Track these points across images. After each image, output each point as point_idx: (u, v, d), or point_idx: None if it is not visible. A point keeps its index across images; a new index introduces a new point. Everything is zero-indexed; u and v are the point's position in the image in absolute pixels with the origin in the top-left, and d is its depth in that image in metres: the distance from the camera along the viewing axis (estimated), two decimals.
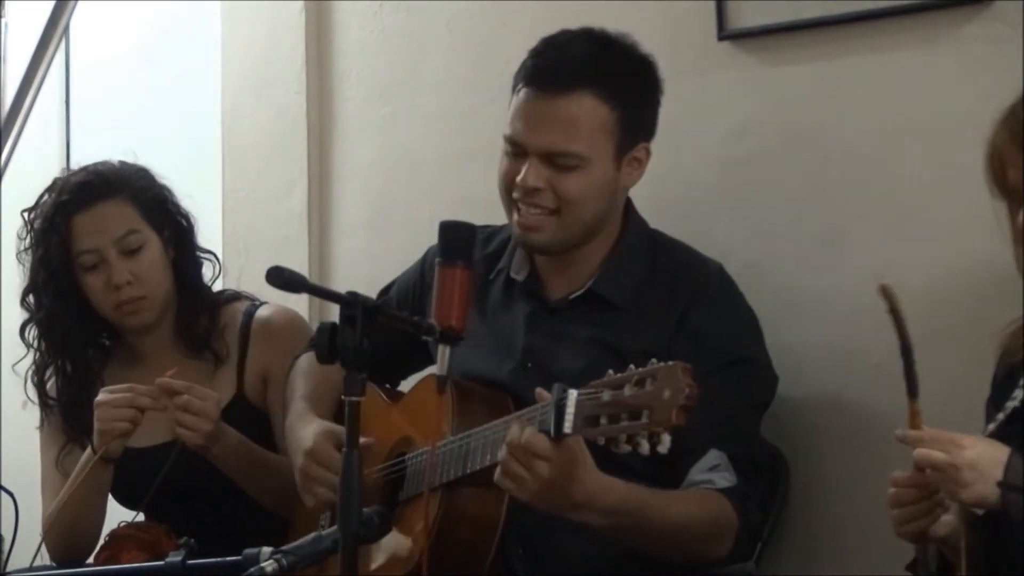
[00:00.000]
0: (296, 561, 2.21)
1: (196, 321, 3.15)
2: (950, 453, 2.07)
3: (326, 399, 2.91)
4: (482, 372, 2.72)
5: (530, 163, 2.64)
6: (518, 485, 2.34)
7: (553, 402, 2.29)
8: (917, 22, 2.79)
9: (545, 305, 2.75)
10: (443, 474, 2.54)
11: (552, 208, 2.65)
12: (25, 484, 3.06)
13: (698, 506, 2.52)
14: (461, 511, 2.55)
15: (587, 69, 2.64)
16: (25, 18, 4.09)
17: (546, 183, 2.64)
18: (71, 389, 3.15)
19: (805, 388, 2.84)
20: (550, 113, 2.63)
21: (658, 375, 2.18)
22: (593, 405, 2.23)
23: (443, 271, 2.42)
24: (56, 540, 3.05)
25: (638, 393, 2.19)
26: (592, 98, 2.63)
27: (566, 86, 2.63)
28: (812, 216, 2.92)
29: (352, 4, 3.64)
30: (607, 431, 2.20)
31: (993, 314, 2.43)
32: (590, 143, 2.63)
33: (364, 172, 3.62)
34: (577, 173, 2.63)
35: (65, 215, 3.07)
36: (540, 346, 2.72)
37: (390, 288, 3.01)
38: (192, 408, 2.90)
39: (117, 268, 3.05)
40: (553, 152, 2.63)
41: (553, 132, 2.63)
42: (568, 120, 2.62)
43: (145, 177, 3.16)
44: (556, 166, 2.63)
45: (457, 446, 2.54)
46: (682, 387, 2.15)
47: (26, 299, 3.15)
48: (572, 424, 2.26)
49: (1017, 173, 2.25)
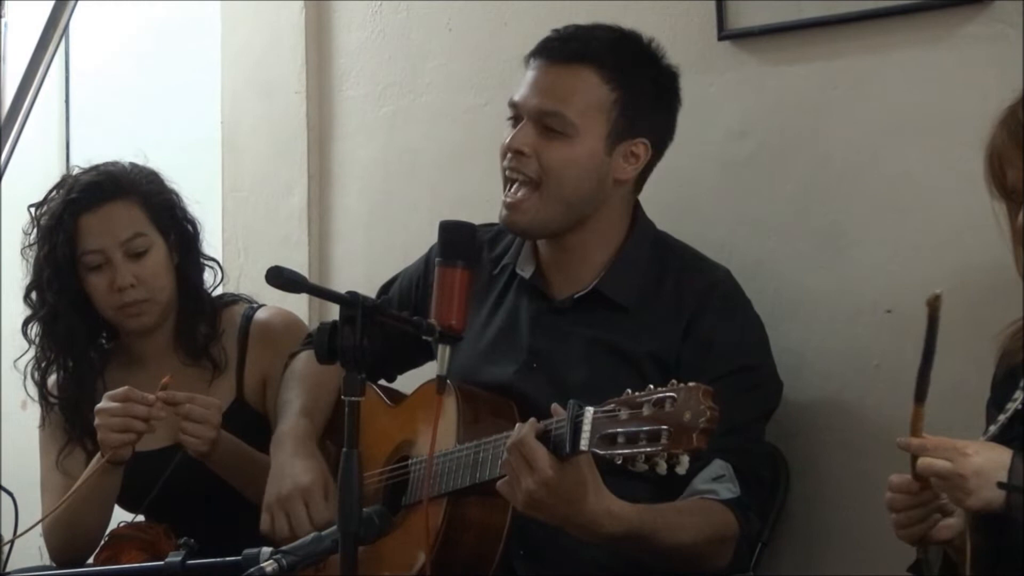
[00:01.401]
0: (296, 561, 2.21)
1: (196, 327, 3.14)
2: (954, 461, 2.06)
3: (323, 406, 2.91)
4: (488, 372, 2.72)
5: (522, 125, 2.68)
6: (512, 491, 2.34)
7: (569, 418, 2.28)
8: (917, 22, 2.79)
9: (550, 304, 2.75)
10: (452, 482, 2.54)
11: (533, 178, 2.66)
12: (25, 484, 3.05)
13: (704, 521, 2.51)
14: (467, 518, 2.55)
15: (595, 47, 2.69)
16: (25, 18, 4.10)
17: (531, 149, 2.66)
18: (72, 387, 3.15)
19: (805, 388, 2.84)
20: (550, 79, 2.69)
21: (678, 396, 2.16)
22: (610, 423, 2.22)
23: (443, 271, 2.42)
24: (58, 541, 3.05)
25: (657, 413, 2.16)
26: (593, 74, 2.67)
27: (570, 58, 2.68)
28: (812, 216, 2.92)
29: (352, 4, 3.64)
30: (625, 451, 2.18)
31: (993, 315, 2.43)
32: (582, 114, 2.66)
33: (364, 172, 3.62)
34: (564, 142, 2.65)
35: (73, 214, 3.07)
36: (545, 347, 2.71)
37: (392, 283, 3.00)
38: (194, 416, 2.90)
39: (121, 270, 3.05)
40: (543, 111, 2.66)
41: (550, 95, 2.67)
42: (566, 88, 2.67)
43: (155, 181, 3.16)
44: (546, 131, 2.66)
45: (467, 454, 2.53)
46: (703, 410, 2.13)
47: (29, 295, 3.15)
48: (588, 441, 2.24)
49: (1016, 174, 2.25)
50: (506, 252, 2.85)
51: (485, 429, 2.56)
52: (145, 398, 2.89)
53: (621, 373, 2.62)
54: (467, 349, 2.72)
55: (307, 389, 2.92)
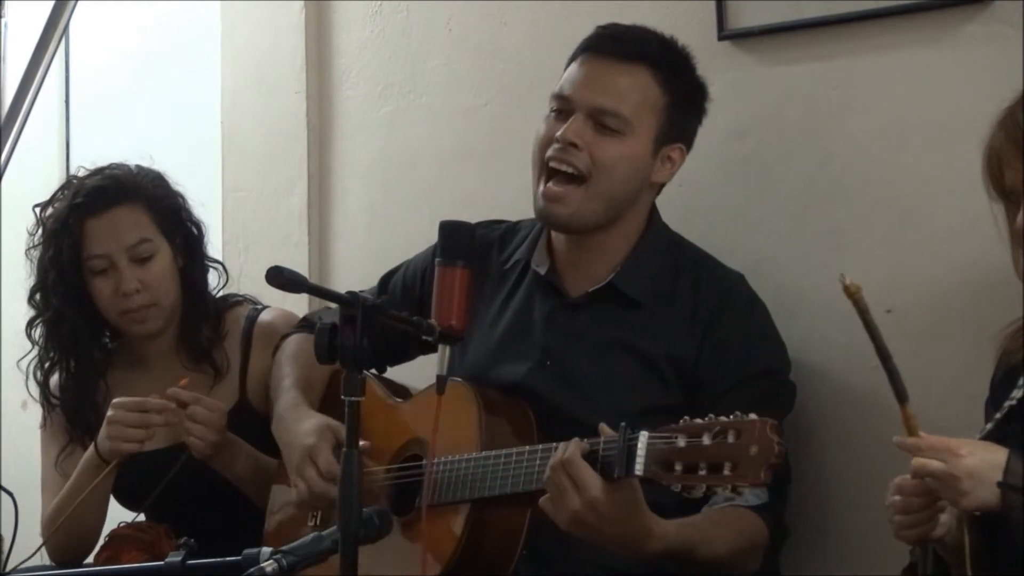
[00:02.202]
0: (296, 561, 2.20)
1: (199, 330, 3.14)
2: (948, 462, 2.07)
3: (316, 387, 2.92)
4: (500, 370, 2.71)
5: (574, 118, 2.66)
6: (557, 509, 2.34)
7: (622, 441, 2.28)
8: (917, 22, 2.79)
9: (564, 301, 2.74)
10: (479, 489, 2.52)
11: (582, 171, 2.65)
12: (25, 484, 3.05)
13: (737, 531, 2.52)
14: (489, 521, 2.54)
15: (652, 48, 2.71)
16: (25, 18, 4.09)
17: (584, 143, 2.65)
18: (75, 388, 3.15)
19: (805, 388, 2.83)
20: (607, 75, 2.68)
21: (743, 430, 2.16)
22: (667, 450, 2.22)
23: (443, 271, 2.42)
24: (57, 540, 3.05)
25: (720, 444, 2.17)
26: (649, 75, 2.68)
27: (627, 56, 2.69)
28: (812, 216, 2.92)
29: (352, 4, 3.64)
30: (685, 479, 2.18)
31: (993, 315, 2.43)
32: (637, 113, 2.66)
33: (364, 172, 3.62)
34: (617, 139, 2.65)
35: (79, 218, 3.06)
36: (559, 345, 2.71)
37: (395, 273, 2.99)
38: (199, 418, 2.91)
39: (127, 276, 3.05)
40: (601, 109, 2.65)
41: (606, 92, 2.66)
42: (623, 87, 2.67)
43: (161, 184, 3.15)
44: (600, 127, 2.65)
45: (495, 463, 2.51)
46: (772, 446, 2.14)
47: (34, 297, 3.14)
48: (643, 467, 2.24)
49: (1014, 174, 2.25)
50: (517, 249, 2.84)
51: (504, 436, 2.56)
52: (165, 406, 2.91)
53: (637, 372, 2.63)
54: (477, 346, 2.72)
55: (298, 366, 2.93)
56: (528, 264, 2.80)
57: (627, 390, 2.61)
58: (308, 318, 3.07)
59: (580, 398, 2.60)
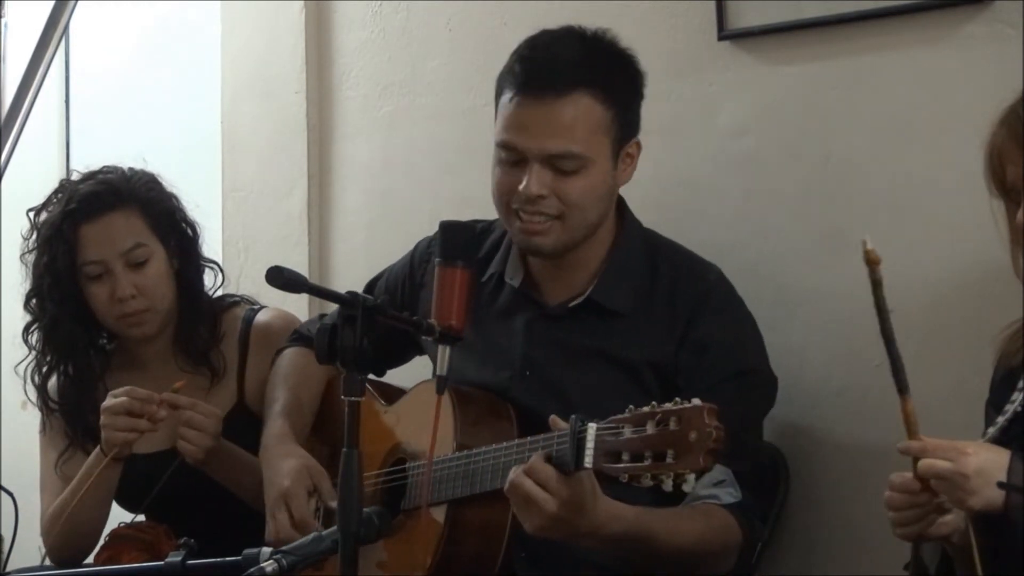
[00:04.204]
0: (296, 561, 2.21)
1: (196, 332, 3.14)
2: (955, 461, 2.06)
3: (307, 408, 2.92)
4: (481, 377, 2.70)
5: (531, 170, 2.59)
6: (524, 516, 2.34)
7: (572, 434, 2.28)
8: (917, 22, 2.79)
9: (543, 311, 2.73)
10: (448, 490, 2.54)
11: (555, 214, 2.62)
12: (25, 484, 3.06)
13: (705, 525, 2.51)
14: (469, 520, 2.54)
15: (581, 70, 2.60)
16: (25, 18, 4.10)
17: (549, 190, 2.60)
18: (73, 392, 3.14)
19: (805, 388, 2.84)
20: (550, 117, 2.59)
21: (683, 416, 2.16)
22: (613, 441, 2.22)
23: (443, 271, 2.42)
24: (57, 539, 3.05)
25: (662, 432, 2.16)
26: (589, 98, 2.59)
27: (562, 89, 2.59)
28: (812, 216, 2.92)
29: (352, 4, 3.64)
30: (631, 469, 2.18)
31: (992, 315, 2.43)
32: (590, 144, 2.60)
33: (364, 172, 3.62)
34: (579, 176, 2.60)
35: (73, 224, 3.05)
36: (540, 356, 2.70)
37: (378, 280, 2.98)
38: (194, 424, 2.91)
39: (122, 281, 3.04)
40: (556, 155, 2.59)
41: (555, 136, 2.58)
42: (568, 122, 2.58)
43: (155, 188, 3.14)
44: (558, 170, 2.60)
45: (459, 465, 2.52)
46: (710, 431, 2.13)
47: (30, 303, 3.14)
48: (592, 459, 2.24)
49: (1016, 171, 2.25)
50: (491, 252, 2.81)
51: (483, 432, 2.56)
52: (150, 396, 2.90)
53: (619, 381, 2.62)
54: (458, 357, 2.72)
55: (289, 388, 2.92)
56: (503, 276, 2.78)
57: (608, 399, 2.59)
58: (299, 331, 3.05)
59: (561, 407, 2.58)
